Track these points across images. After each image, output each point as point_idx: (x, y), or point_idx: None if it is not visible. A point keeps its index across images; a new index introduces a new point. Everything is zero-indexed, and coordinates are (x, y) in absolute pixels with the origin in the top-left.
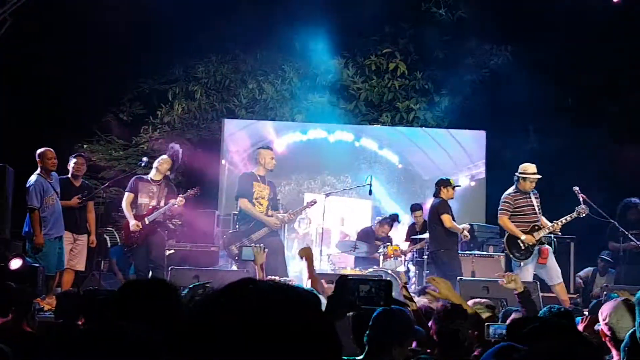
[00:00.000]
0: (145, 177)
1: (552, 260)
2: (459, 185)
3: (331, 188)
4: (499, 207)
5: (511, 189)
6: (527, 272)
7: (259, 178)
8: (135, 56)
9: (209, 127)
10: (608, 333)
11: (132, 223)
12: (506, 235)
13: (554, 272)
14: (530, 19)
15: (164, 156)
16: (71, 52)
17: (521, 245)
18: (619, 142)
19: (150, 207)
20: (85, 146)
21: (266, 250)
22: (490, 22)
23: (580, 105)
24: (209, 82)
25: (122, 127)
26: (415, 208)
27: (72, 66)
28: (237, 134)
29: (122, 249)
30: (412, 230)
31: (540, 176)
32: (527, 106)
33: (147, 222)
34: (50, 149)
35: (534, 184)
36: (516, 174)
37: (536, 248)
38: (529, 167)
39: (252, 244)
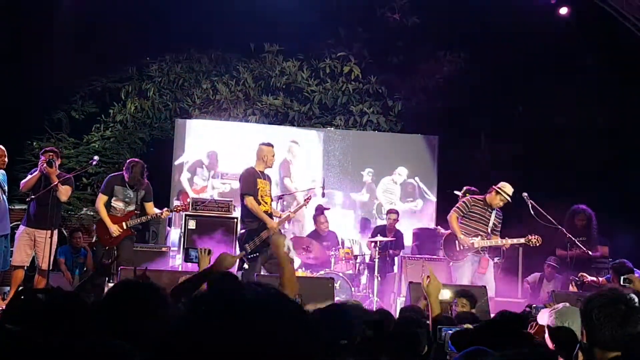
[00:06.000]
0: (121, 179)
1: (490, 274)
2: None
3: (284, 190)
4: (455, 205)
5: (477, 196)
6: (462, 275)
7: (260, 174)
8: (87, 53)
9: (161, 127)
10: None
11: (113, 229)
12: (447, 233)
13: (487, 286)
14: (484, 27)
15: (136, 160)
16: (22, 48)
17: (457, 245)
18: (568, 149)
19: (127, 211)
20: (34, 143)
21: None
22: (444, 29)
23: (530, 113)
24: (162, 81)
25: (74, 125)
26: (391, 211)
27: (23, 62)
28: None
29: (70, 249)
30: (381, 231)
31: (510, 200)
32: (479, 113)
33: (125, 226)
34: (0, 147)
35: (501, 203)
36: (494, 186)
37: (477, 257)
38: (507, 187)
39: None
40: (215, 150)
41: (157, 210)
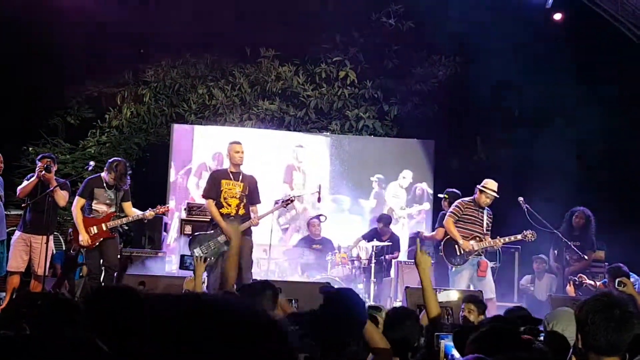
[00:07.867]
0: (100, 181)
1: (489, 275)
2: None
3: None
4: (449, 210)
5: (467, 198)
6: (461, 279)
7: (230, 175)
8: (83, 59)
9: (157, 132)
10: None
11: (83, 238)
12: (445, 238)
13: (488, 287)
14: (478, 31)
15: (118, 159)
16: (17, 54)
17: (457, 250)
18: (564, 154)
19: (108, 213)
20: (30, 149)
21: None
22: (439, 34)
23: (526, 116)
24: (158, 87)
25: (69, 130)
26: (381, 218)
27: (18, 68)
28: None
29: (66, 253)
30: (375, 234)
31: (497, 195)
32: (474, 117)
33: (104, 228)
34: None
35: (489, 200)
36: (478, 186)
37: (475, 260)
38: (490, 183)
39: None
40: (221, 152)
41: (137, 211)
